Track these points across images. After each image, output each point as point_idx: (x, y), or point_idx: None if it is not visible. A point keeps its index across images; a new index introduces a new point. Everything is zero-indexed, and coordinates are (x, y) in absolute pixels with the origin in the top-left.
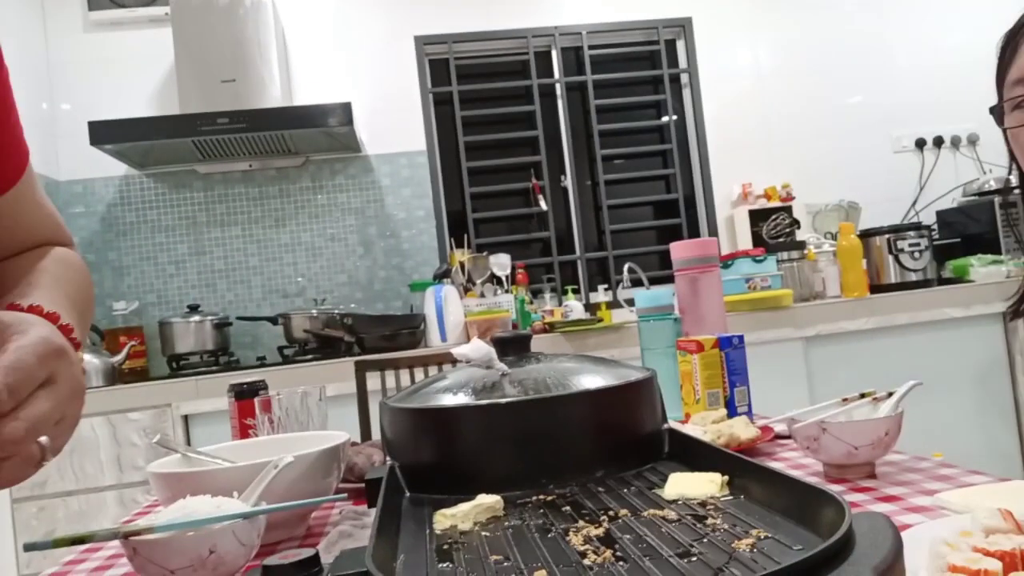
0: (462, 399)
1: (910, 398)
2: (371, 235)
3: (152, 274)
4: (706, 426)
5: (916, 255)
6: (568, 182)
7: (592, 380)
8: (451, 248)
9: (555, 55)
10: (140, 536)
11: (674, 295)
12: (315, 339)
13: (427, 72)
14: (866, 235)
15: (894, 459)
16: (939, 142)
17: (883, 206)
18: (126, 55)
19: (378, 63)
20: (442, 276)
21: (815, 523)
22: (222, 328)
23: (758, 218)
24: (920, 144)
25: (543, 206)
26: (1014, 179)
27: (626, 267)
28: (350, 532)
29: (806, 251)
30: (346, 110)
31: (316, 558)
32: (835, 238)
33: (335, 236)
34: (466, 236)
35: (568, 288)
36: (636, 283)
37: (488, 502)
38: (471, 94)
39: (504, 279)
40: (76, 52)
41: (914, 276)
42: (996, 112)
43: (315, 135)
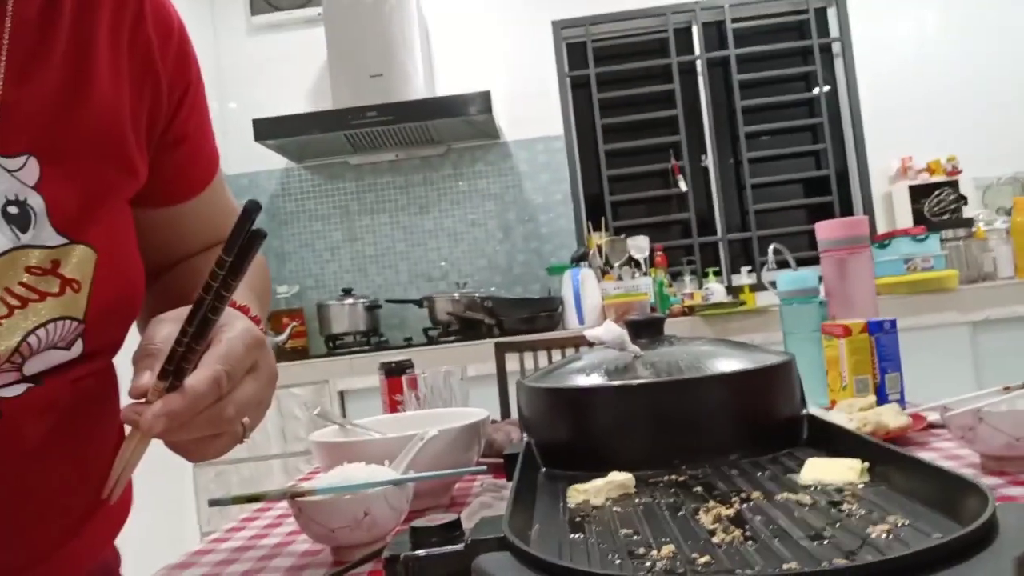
0: (595, 380)
1: None
2: (510, 220)
3: (310, 260)
4: (852, 413)
5: None
6: (709, 161)
7: (725, 363)
8: (588, 231)
9: (696, 31)
10: (305, 497)
11: (820, 277)
12: (457, 321)
13: (564, 56)
14: None
15: None
16: None
17: None
18: (284, 55)
19: (516, 50)
20: (579, 259)
21: (958, 513)
22: (373, 310)
23: (919, 194)
24: None
25: (683, 187)
26: None
27: (771, 248)
28: (490, 503)
29: (974, 229)
30: (485, 98)
31: (458, 523)
32: (1008, 214)
33: (475, 221)
34: (604, 219)
35: (709, 271)
36: (783, 264)
37: (620, 479)
38: (608, 76)
39: (642, 262)
40: (240, 54)
41: None
42: None
43: (456, 124)
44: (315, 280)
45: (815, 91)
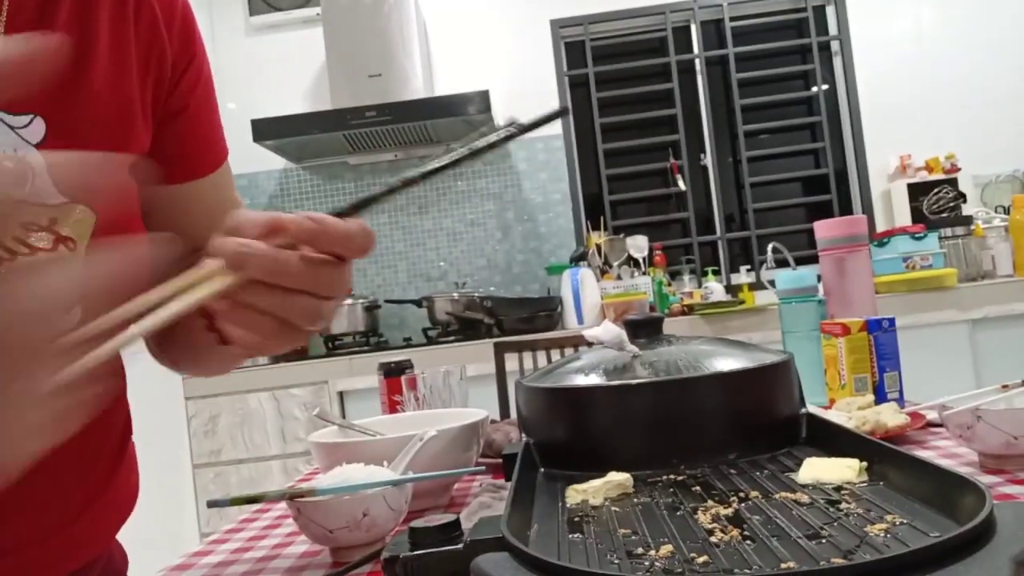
0: (594, 379)
1: None
2: (509, 219)
3: None
4: (851, 412)
5: None
6: (708, 160)
7: (723, 363)
8: (588, 231)
9: (694, 29)
10: (304, 498)
11: (819, 276)
12: (457, 321)
13: (563, 55)
14: None
15: None
16: None
17: None
18: (282, 55)
19: (515, 49)
20: (578, 259)
21: (956, 511)
22: (372, 311)
23: (918, 192)
24: None
25: (682, 186)
26: None
27: (770, 247)
28: (489, 503)
29: (973, 227)
30: (484, 98)
31: (457, 523)
32: (1007, 212)
33: (475, 221)
34: (603, 218)
35: (708, 270)
36: (782, 263)
37: (618, 479)
38: (607, 75)
39: (641, 261)
40: (239, 54)
41: None
42: None
43: (455, 124)
44: None
45: (814, 89)
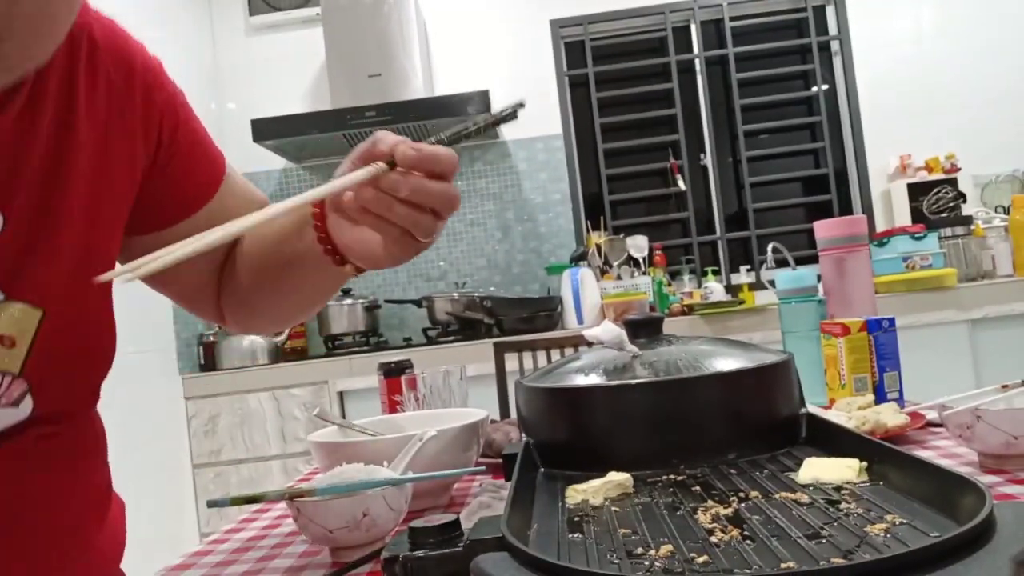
0: (593, 379)
1: None
2: (509, 219)
3: None
4: (851, 412)
5: None
6: (708, 160)
7: (723, 362)
8: (587, 231)
9: (694, 29)
10: (304, 498)
11: (819, 276)
12: (456, 321)
13: (563, 55)
14: None
15: None
16: None
17: None
18: (282, 55)
19: (514, 49)
20: (578, 259)
21: (956, 511)
22: (372, 311)
23: (918, 192)
24: None
25: (681, 186)
26: None
27: (770, 247)
28: (489, 503)
29: (973, 227)
30: (484, 98)
31: (457, 523)
32: (1007, 212)
33: (474, 221)
34: (602, 218)
35: (708, 270)
36: (781, 263)
37: (618, 479)
38: (607, 75)
39: (641, 261)
40: (239, 54)
41: None
42: None
43: (455, 124)
44: None
45: (813, 89)
